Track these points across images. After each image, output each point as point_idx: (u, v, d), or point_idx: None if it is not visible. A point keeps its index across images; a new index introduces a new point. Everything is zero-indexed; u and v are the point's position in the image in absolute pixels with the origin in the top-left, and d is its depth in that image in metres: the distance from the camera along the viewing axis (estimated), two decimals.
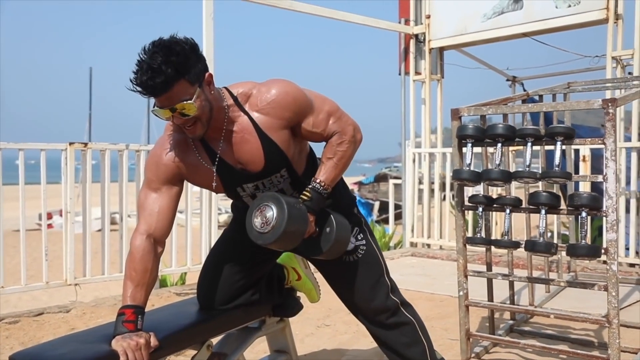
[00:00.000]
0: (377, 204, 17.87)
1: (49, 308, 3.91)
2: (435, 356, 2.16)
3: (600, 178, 2.35)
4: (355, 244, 2.04)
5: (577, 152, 4.89)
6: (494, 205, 2.62)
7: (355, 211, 2.11)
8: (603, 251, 2.33)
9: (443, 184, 6.24)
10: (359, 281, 2.03)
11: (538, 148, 3.14)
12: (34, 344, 2.07)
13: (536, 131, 2.45)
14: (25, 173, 3.98)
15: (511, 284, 3.18)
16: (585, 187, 4.94)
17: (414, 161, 6.39)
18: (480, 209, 2.62)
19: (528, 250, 2.50)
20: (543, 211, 2.42)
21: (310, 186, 1.88)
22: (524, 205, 2.63)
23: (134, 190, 4.46)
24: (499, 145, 2.53)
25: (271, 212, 1.78)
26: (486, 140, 2.60)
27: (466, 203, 2.70)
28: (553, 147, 2.44)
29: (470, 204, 2.66)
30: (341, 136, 1.89)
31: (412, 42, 6.62)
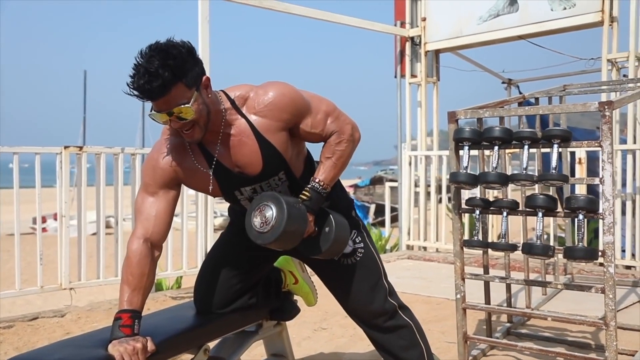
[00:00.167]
0: (373, 207, 17.89)
1: (44, 312, 3.89)
2: (433, 359, 2.17)
3: (597, 181, 2.35)
4: (353, 247, 2.04)
5: (573, 155, 4.90)
6: (491, 208, 2.62)
7: (353, 214, 2.11)
8: (600, 254, 2.34)
9: (439, 187, 6.24)
10: (357, 284, 2.03)
11: (534, 150, 3.15)
12: (29, 349, 2.06)
13: (533, 134, 2.45)
14: (19, 177, 3.96)
15: (508, 287, 3.19)
16: (581, 190, 4.96)
17: (410, 164, 6.40)
18: (477, 212, 2.62)
19: (525, 253, 2.50)
20: (540, 214, 2.42)
21: (309, 186, 1.88)
22: (521, 208, 2.63)
23: (129, 193, 4.45)
24: (496, 148, 2.53)
25: (271, 212, 1.78)
26: (483, 143, 2.60)
27: (463, 206, 2.71)
28: (549, 150, 2.44)
29: (467, 207, 2.67)
30: (339, 135, 1.89)
31: (408, 45, 6.64)
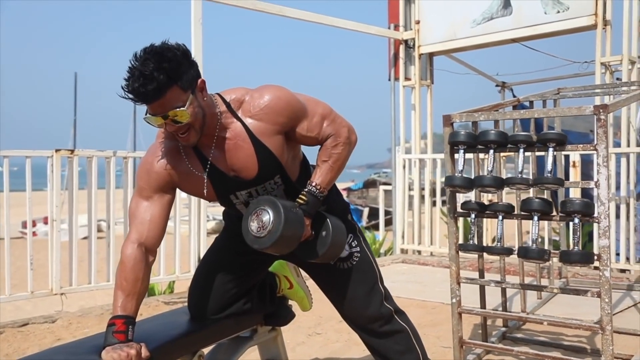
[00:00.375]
0: (367, 210, 17.89)
1: (34, 318, 3.85)
2: None
3: (592, 184, 2.37)
4: (349, 251, 2.04)
5: (567, 158, 4.93)
6: (487, 211, 2.63)
7: (349, 218, 2.11)
8: (596, 257, 2.35)
9: (433, 190, 6.26)
10: (353, 289, 2.03)
11: (529, 154, 3.17)
12: (20, 356, 2.04)
13: (528, 137, 2.46)
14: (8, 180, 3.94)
15: (503, 291, 3.20)
16: (575, 193, 4.99)
17: (404, 167, 6.41)
18: (473, 216, 2.62)
19: (521, 257, 2.51)
20: (536, 217, 2.43)
21: (306, 189, 1.88)
22: (517, 211, 2.64)
23: (121, 197, 4.44)
24: (491, 151, 2.54)
25: (268, 216, 1.77)
26: (478, 146, 2.61)
27: (459, 210, 2.71)
28: (544, 153, 2.45)
29: (462, 211, 2.67)
30: (336, 138, 1.90)
31: (402, 48, 6.65)
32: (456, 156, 2.64)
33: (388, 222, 7.65)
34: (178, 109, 1.65)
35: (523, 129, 3.19)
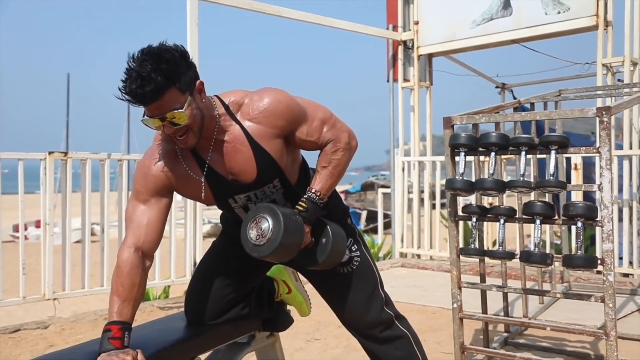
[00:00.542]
0: (365, 214, 17.89)
1: (26, 324, 3.84)
2: None
3: (595, 187, 2.37)
4: (349, 255, 2.04)
5: (569, 160, 4.94)
6: (488, 215, 2.63)
7: (348, 222, 2.11)
8: (599, 261, 2.35)
9: (433, 193, 6.26)
10: (353, 294, 2.03)
11: (530, 156, 3.17)
12: None
13: (530, 140, 2.47)
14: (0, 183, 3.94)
15: (505, 296, 3.20)
16: (577, 196, 4.99)
17: (403, 170, 6.41)
18: (474, 219, 2.63)
19: (523, 261, 2.51)
20: (538, 221, 2.43)
21: (305, 196, 1.87)
22: (519, 215, 2.64)
23: (114, 200, 4.43)
24: (493, 154, 2.55)
25: (267, 224, 1.77)
26: (479, 149, 2.62)
27: (459, 213, 2.72)
28: (545, 156, 2.46)
29: (463, 214, 2.68)
30: (335, 144, 1.89)
31: (401, 49, 6.66)
32: (457, 159, 2.64)
33: (387, 226, 7.65)
34: (176, 111, 1.65)
35: (523, 131, 3.19)
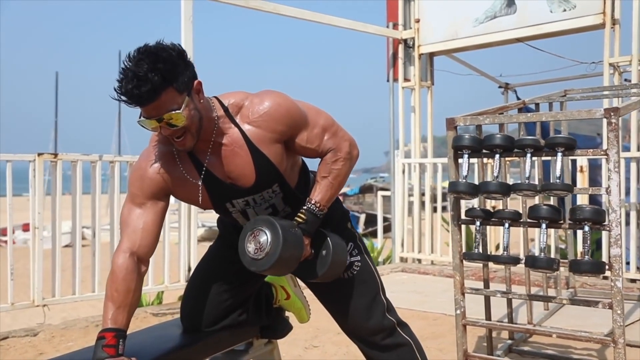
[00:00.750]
0: (363, 217, 17.88)
1: (14, 331, 3.83)
2: None
3: (602, 190, 2.38)
4: (349, 260, 2.03)
5: (574, 163, 4.94)
6: (492, 219, 2.63)
7: (348, 225, 2.11)
8: (607, 267, 2.36)
9: (434, 196, 6.26)
10: (354, 300, 2.03)
11: (534, 158, 3.17)
12: None
13: (536, 142, 2.47)
14: None
15: (509, 302, 3.20)
16: (583, 200, 5.00)
17: (404, 172, 6.41)
18: (477, 223, 2.63)
19: (529, 266, 2.51)
20: (544, 225, 2.43)
21: (305, 207, 1.87)
22: (524, 219, 2.65)
23: (105, 203, 4.42)
24: (497, 156, 2.55)
25: (265, 237, 1.77)
26: (483, 151, 2.62)
27: (463, 217, 2.72)
28: (549, 158, 2.46)
29: (467, 218, 2.68)
30: (336, 153, 1.89)
31: (401, 48, 6.67)
32: (460, 161, 2.64)
33: (386, 229, 7.66)
34: (173, 112, 1.65)
35: (527, 132, 3.20)
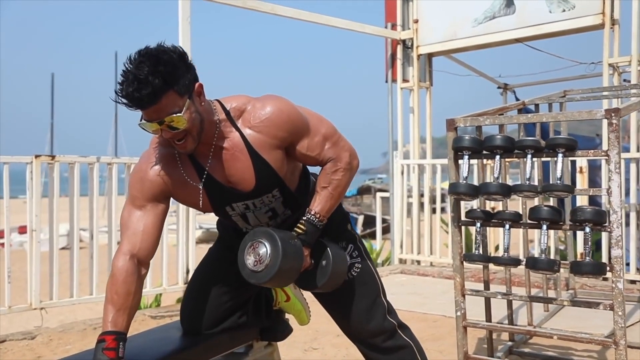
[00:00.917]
0: (361, 218, 17.86)
1: (12, 335, 3.82)
2: None
3: (603, 191, 2.39)
4: (349, 262, 2.04)
5: (573, 164, 4.95)
6: (493, 220, 2.64)
7: (348, 227, 2.12)
8: (608, 268, 2.37)
9: (433, 197, 6.27)
10: (355, 302, 2.03)
11: (535, 159, 3.18)
12: None
13: (536, 142, 2.48)
14: None
15: (510, 303, 3.21)
16: (582, 201, 5.01)
17: (403, 173, 6.42)
18: (478, 225, 2.64)
19: (529, 267, 2.52)
20: (544, 226, 2.44)
21: (304, 218, 1.87)
22: (524, 220, 2.65)
23: (104, 205, 4.42)
24: (498, 157, 2.56)
25: (264, 249, 1.77)
26: (484, 152, 2.63)
27: (463, 218, 2.72)
28: (550, 159, 2.46)
29: (467, 219, 2.69)
30: (336, 163, 1.89)
31: (400, 48, 6.67)
32: (460, 162, 2.65)
33: (384, 230, 7.67)
34: (174, 115, 1.65)
35: (527, 133, 3.21)
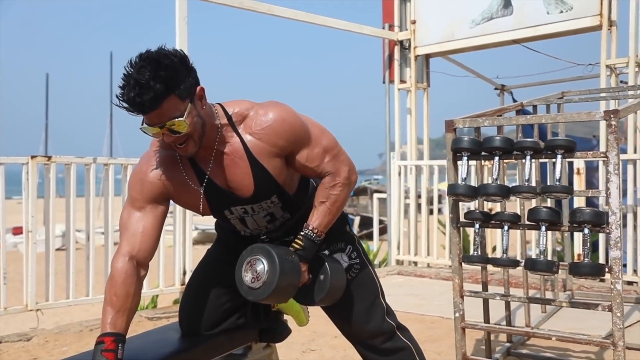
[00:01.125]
0: (358, 219, 17.87)
1: (7, 336, 3.81)
2: None
3: (602, 193, 2.39)
4: (348, 263, 2.04)
5: (571, 165, 4.97)
6: (492, 221, 2.65)
7: (347, 229, 2.12)
8: (607, 270, 2.37)
9: (430, 198, 6.28)
10: (354, 303, 2.04)
11: (533, 160, 3.19)
12: None
13: (535, 144, 2.49)
14: None
15: (507, 305, 3.21)
16: (580, 202, 5.03)
17: (400, 174, 6.42)
18: (477, 226, 2.64)
19: (528, 269, 2.53)
20: (543, 228, 2.45)
21: (302, 233, 1.87)
22: (523, 221, 2.66)
23: (102, 205, 4.42)
24: (497, 158, 2.57)
25: (262, 266, 1.77)
26: (482, 153, 2.63)
27: (462, 219, 2.73)
28: (548, 160, 2.47)
29: (466, 221, 2.69)
30: (334, 178, 1.89)
31: (397, 49, 6.68)
32: (459, 163, 2.66)
33: (381, 232, 7.68)
34: (176, 119, 1.65)
35: (524, 135, 3.22)
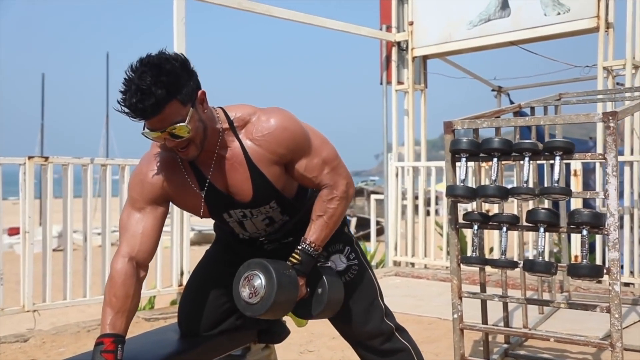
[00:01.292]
0: (354, 220, 17.88)
1: (4, 337, 3.80)
2: None
3: (601, 194, 2.40)
4: (347, 264, 2.05)
5: (568, 166, 4.98)
6: (490, 222, 2.65)
7: (345, 230, 2.12)
8: (605, 271, 2.38)
9: (427, 199, 6.28)
10: (352, 304, 2.04)
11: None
12: None
13: (534, 145, 2.49)
14: None
15: (505, 306, 3.22)
16: (576, 203, 5.04)
17: (397, 175, 6.43)
18: (475, 227, 2.65)
19: (527, 270, 2.53)
20: (542, 229, 2.45)
21: (299, 247, 1.87)
22: (522, 222, 2.67)
23: (99, 206, 4.41)
24: (495, 160, 2.57)
25: (259, 281, 1.77)
26: (481, 154, 2.64)
27: (460, 221, 2.74)
28: (545, 162, 2.47)
29: (465, 222, 2.70)
30: (332, 191, 1.89)
31: (394, 50, 6.68)
32: (458, 164, 2.66)
33: (378, 233, 7.67)
34: (178, 124, 1.65)
35: (522, 136, 3.24)
